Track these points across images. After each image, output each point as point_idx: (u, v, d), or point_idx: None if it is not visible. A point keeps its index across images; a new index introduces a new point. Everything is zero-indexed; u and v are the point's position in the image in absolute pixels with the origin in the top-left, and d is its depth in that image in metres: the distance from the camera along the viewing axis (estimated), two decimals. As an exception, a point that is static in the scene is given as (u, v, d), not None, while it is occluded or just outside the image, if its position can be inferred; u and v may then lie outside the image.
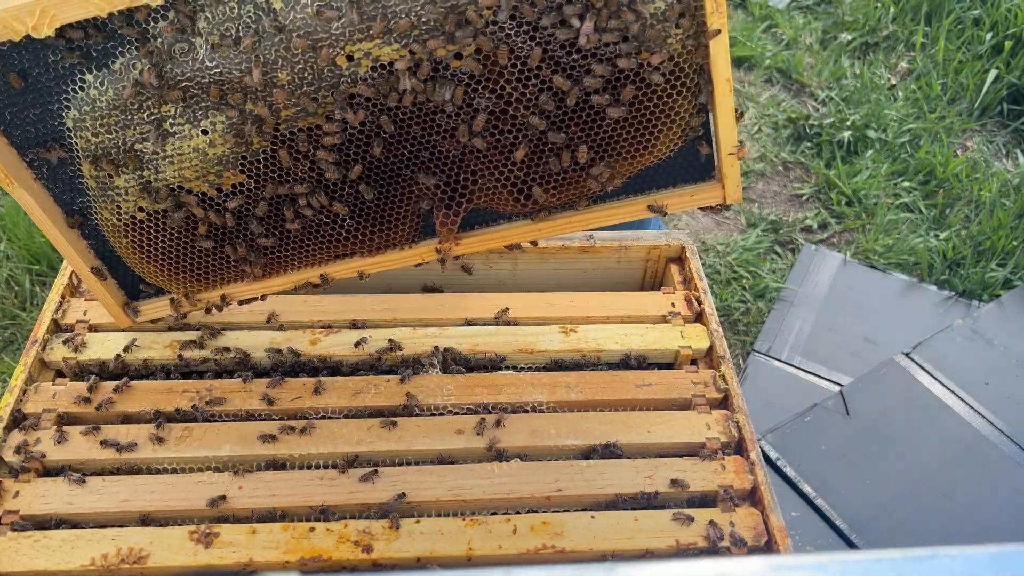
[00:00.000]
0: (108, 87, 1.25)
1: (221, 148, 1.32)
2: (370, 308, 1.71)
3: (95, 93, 1.25)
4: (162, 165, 1.34)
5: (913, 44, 4.54)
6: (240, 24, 1.19)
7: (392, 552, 1.33)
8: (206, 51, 1.22)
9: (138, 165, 1.33)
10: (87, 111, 1.27)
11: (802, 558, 0.67)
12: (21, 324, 3.12)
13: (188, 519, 1.39)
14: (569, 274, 1.91)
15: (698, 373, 1.63)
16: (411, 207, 1.42)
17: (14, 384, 1.53)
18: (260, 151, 1.33)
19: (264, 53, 1.22)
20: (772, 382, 3.03)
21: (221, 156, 1.33)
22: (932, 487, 2.66)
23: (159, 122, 1.29)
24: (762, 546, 1.37)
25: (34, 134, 1.29)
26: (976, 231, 3.57)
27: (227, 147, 1.32)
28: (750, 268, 3.46)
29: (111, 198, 1.38)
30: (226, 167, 1.35)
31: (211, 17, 1.19)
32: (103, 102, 1.26)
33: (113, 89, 1.25)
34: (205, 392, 1.54)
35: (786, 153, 4.04)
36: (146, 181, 1.35)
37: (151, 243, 1.45)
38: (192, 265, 1.48)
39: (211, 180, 1.36)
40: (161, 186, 1.36)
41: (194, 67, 1.23)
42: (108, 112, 1.27)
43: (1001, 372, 3.02)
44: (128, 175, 1.35)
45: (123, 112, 1.28)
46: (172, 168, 1.34)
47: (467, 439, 1.49)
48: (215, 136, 1.31)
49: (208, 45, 1.21)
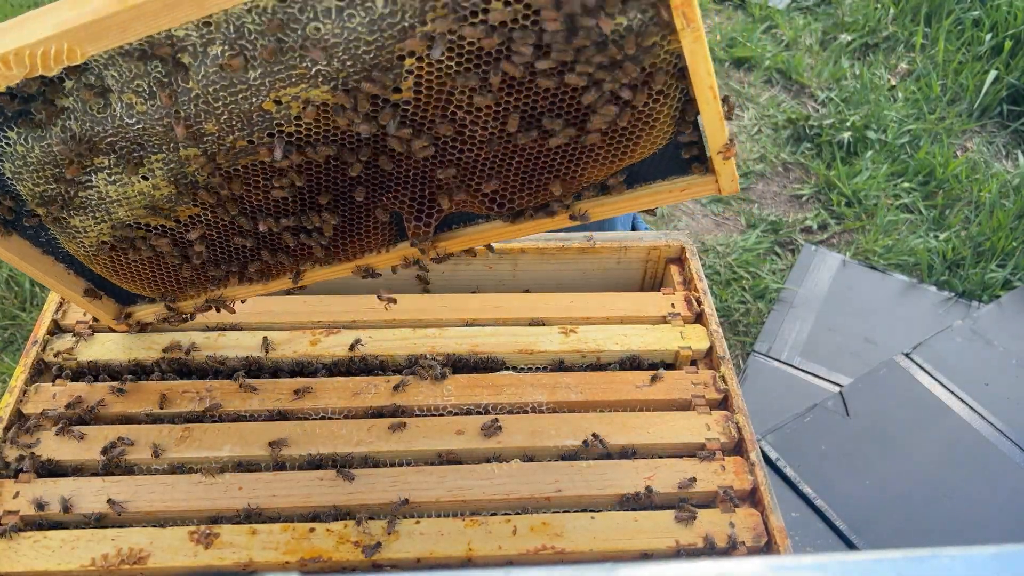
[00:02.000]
0: (33, 144, 1.20)
1: (166, 190, 1.28)
2: (370, 309, 1.71)
3: (22, 150, 1.20)
4: (112, 208, 1.31)
5: (913, 45, 4.55)
6: (151, 80, 1.12)
7: (392, 553, 1.33)
8: (123, 108, 1.15)
9: (88, 210, 1.30)
10: (20, 165, 1.23)
11: (802, 559, 0.67)
12: (21, 324, 3.12)
13: (188, 519, 1.39)
14: (569, 274, 1.91)
15: (698, 374, 1.63)
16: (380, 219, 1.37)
17: (14, 384, 1.53)
18: (207, 186, 1.28)
19: (183, 108, 1.15)
20: (772, 382, 3.03)
21: (169, 195, 1.29)
22: (932, 487, 2.66)
23: (95, 172, 1.24)
24: (762, 547, 1.37)
25: None
26: (976, 232, 3.57)
27: (172, 188, 1.28)
28: (750, 269, 3.46)
29: (71, 236, 1.36)
30: (177, 203, 1.31)
31: (118, 76, 1.12)
32: (33, 158, 1.21)
33: (39, 147, 1.20)
34: (205, 392, 1.54)
35: (786, 154, 4.04)
36: (100, 221, 1.33)
37: (124, 265, 1.44)
38: (170, 279, 1.48)
39: (166, 214, 1.33)
40: (116, 222, 1.33)
41: (115, 124, 1.17)
42: (41, 167, 1.23)
43: (1001, 373, 3.02)
44: (82, 217, 1.32)
45: (56, 166, 1.23)
46: (123, 210, 1.31)
47: (467, 439, 1.49)
48: (157, 180, 1.26)
49: (123, 103, 1.14)
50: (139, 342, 1.62)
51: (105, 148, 1.21)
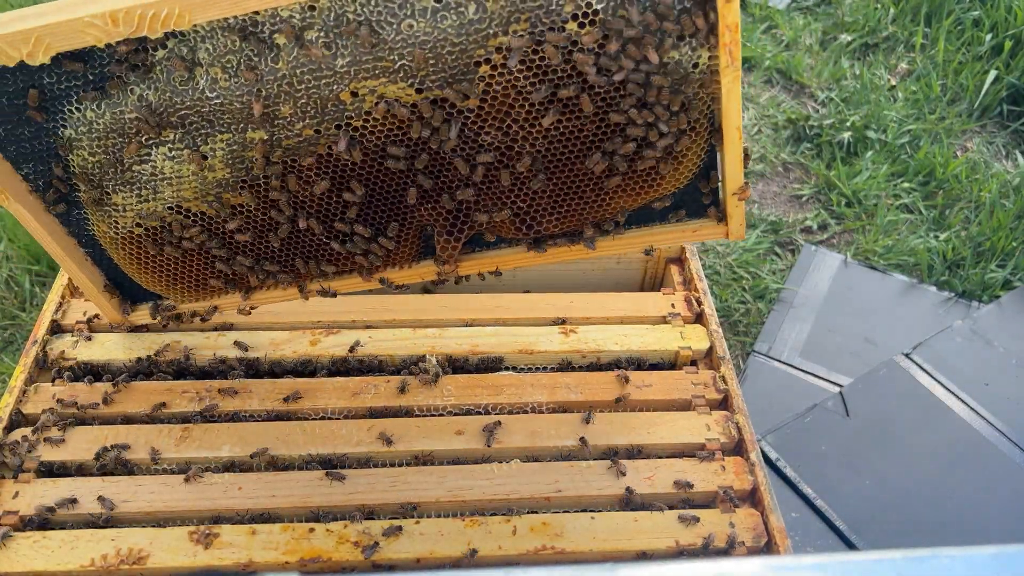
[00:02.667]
0: (106, 111, 1.23)
1: (221, 172, 1.31)
2: (370, 309, 1.71)
3: (92, 116, 1.23)
4: (160, 186, 1.32)
5: (913, 45, 4.55)
6: (242, 57, 1.17)
7: (392, 553, 1.33)
8: (207, 82, 1.20)
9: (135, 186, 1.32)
10: (83, 132, 1.25)
11: (802, 559, 0.67)
12: (21, 324, 3.12)
13: (188, 519, 1.39)
14: (569, 274, 1.91)
15: (698, 374, 1.63)
16: (413, 230, 1.41)
17: (14, 385, 1.53)
18: (261, 177, 1.31)
19: (266, 87, 1.20)
20: (772, 383, 3.03)
21: (221, 179, 1.32)
22: (932, 487, 2.66)
23: (157, 146, 1.27)
24: (762, 547, 1.37)
25: (29, 150, 1.28)
26: (976, 232, 3.57)
27: (227, 172, 1.31)
28: (750, 269, 3.46)
29: (108, 214, 1.37)
30: (225, 189, 1.33)
31: (212, 49, 1.16)
32: (100, 124, 1.24)
33: (111, 113, 1.23)
34: (204, 393, 1.54)
35: (786, 154, 4.04)
36: (142, 200, 1.34)
37: (149, 257, 1.44)
38: (190, 277, 1.48)
39: (210, 201, 1.35)
40: (159, 205, 1.35)
41: (194, 96, 1.21)
42: (105, 135, 1.25)
43: (1001, 373, 3.02)
44: (126, 194, 1.33)
45: (121, 135, 1.25)
46: (170, 189, 1.33)
47: (467, 440, 1.49)
48: (215, 161, 1.29)
49: (208, 76, 1.19)
50: (139, 342, 1.62)
51: (176, 121, 1.24)
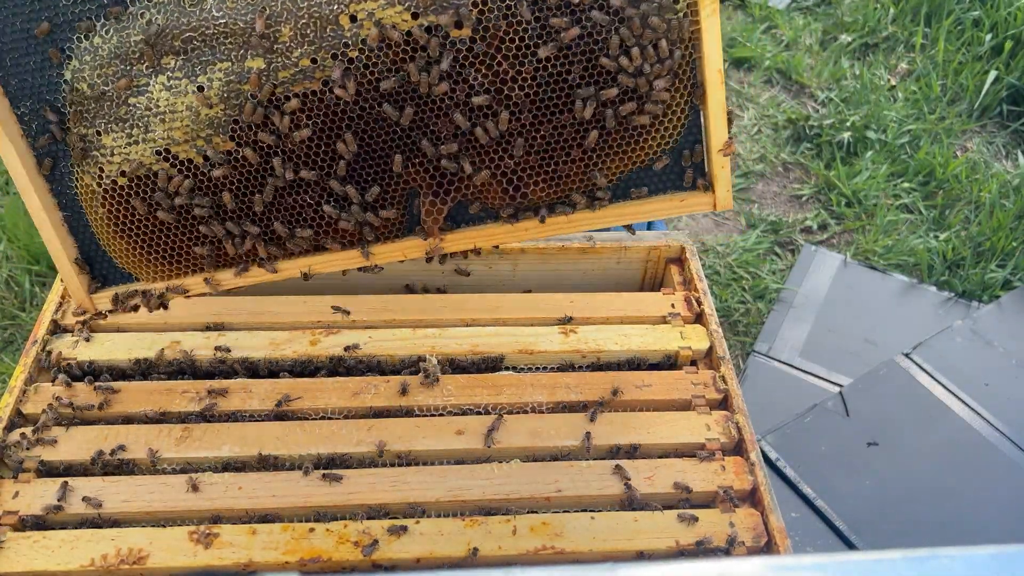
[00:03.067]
0: (113, 35, 1.26)
1: (216, 109, 1.32)
2: (370, 309, 1.71)
3: (99, 41, 1.27)
4: (153, 123, 1.34)
5: (913, 45, 4.55)
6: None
7: (392, 553, 1.33)
8: (215, 2, 1.24)
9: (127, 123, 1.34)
10: (87, 60, 1.28)
11: (802, 559, 0.67)
12: (21, 324, 3.12)
13: (188, 519, 1.39)
14: (569, 274, 1.91)
15: (698, 374, 1.63)
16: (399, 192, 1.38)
17: (14, 384, 1.53)
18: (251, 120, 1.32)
19: (270, 4, 1.24)
20: (772, 383, 3.03)
21: (213, 118, 1.33)
22: (932, 488, 2.66)
23: (156, 74, 1.30)
24: (762, 547, 1.37)
25: (30, 84, 1.30)
26: (976, 232, 3.57)
27: (221, 109, 1.32)
28: (750, 269, 3.46)
29: (95, 159, 1.36)
30: (216, 131, 1.33)
31: None
32: (105, 50, 1.27)
33: (118, 37, 1.26)
34: (204, 392, 1.54)
35: (786, 154, 4.04)
36: (132, 141, 1.35)
37: (127, 216, 1.41)
38: (165, 245, 1.44)
39: (199, 145, 1.35)
40: (147, 148, 1.36)
41: (200, 17, 1.25)
42: (108, 61, 1.28)
43: (1001, 373, 3.02)
44: (116, 134, 1.35)
45: (123, 62, 1.29)
46: (162, 127, 1.33)
47: (467, 440, 1.49)
48: (211, 93, 1.31)
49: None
50: (140, 342, 1.62)
51: (179, 47, 1.27)
